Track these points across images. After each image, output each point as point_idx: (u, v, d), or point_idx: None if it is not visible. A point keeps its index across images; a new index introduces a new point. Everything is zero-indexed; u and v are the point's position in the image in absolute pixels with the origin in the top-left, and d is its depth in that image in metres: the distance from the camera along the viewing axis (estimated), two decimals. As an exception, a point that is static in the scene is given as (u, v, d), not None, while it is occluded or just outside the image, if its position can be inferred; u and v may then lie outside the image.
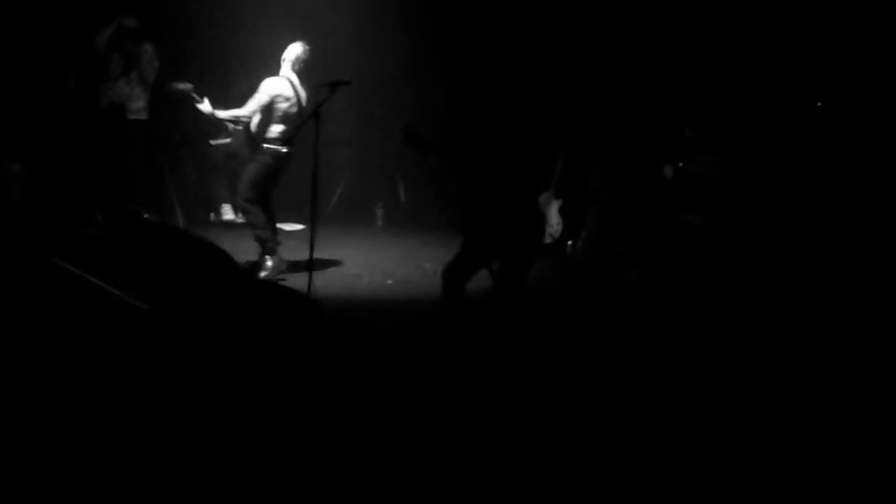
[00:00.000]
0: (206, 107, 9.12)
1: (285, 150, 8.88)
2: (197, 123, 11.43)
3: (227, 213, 11.35)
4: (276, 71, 8.97)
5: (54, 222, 9.39)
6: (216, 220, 11.33)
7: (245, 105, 8.89)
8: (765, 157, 9.43)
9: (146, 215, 8.42)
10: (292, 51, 9.01)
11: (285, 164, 9.00)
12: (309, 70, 9.10)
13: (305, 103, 8.93)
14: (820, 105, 8.75)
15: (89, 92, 10.30)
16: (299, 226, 11.17)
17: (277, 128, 8.87)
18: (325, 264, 9.56)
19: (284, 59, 9.02)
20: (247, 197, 8.99)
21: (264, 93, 8.84)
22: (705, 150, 9.69)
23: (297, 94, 8.94)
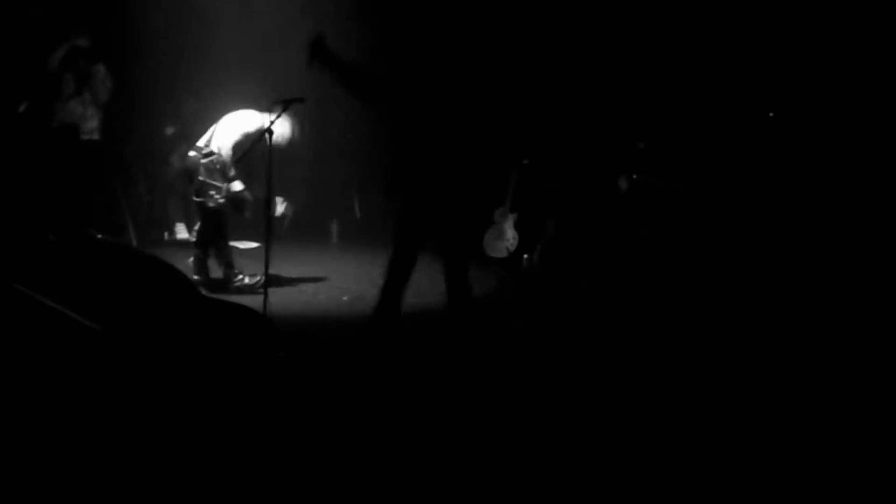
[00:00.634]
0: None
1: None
2: (149, 144, 11.39)
3: (181, 233, 11.29)
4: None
5: (5, 242, 9.28)
6: (170, 239, 11.26)
7: None
8: (718, 168, 9.50)
9: (99, 235, 8.34)
10: None
11: None
12: (262, 87, 9.09)
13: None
14: (772, 115, 8.82)
15: (40, 112, 10.21)
16: (254, 244, 11.11)
17: None
18: (281, 282, 9.52)
19: None
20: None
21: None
22: (658, 162, 9.75)
23: None
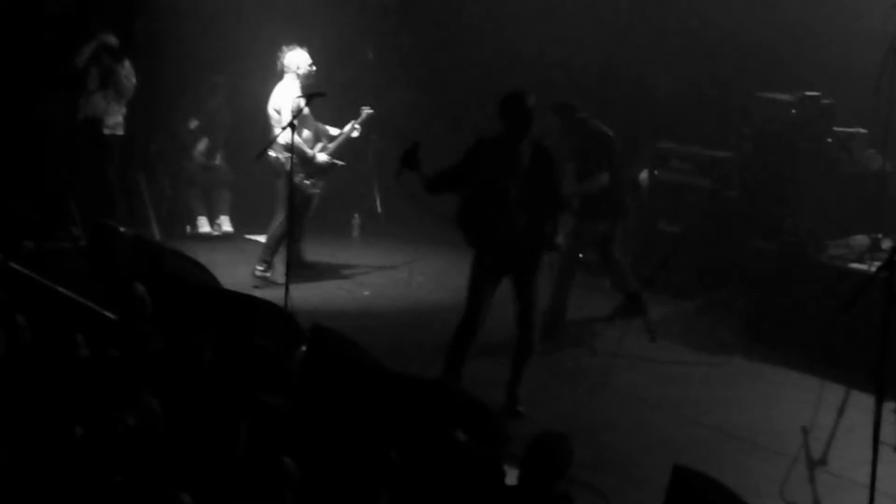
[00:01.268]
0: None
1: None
2: (172, 138, 11.43)
3: (204, 226, 11.33)
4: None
5: (30, 237, 9.36)
6: (192, 232, 11.30)
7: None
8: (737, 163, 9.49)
9: (122, 229, 8.40)
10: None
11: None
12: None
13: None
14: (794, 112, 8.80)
15: (65, 106, 10.28)
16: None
17: None
18: (302, 276, 9.55)
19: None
20: None
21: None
22: (679, 157, 9.75)
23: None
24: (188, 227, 11.33)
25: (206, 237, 11.15)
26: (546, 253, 7.05)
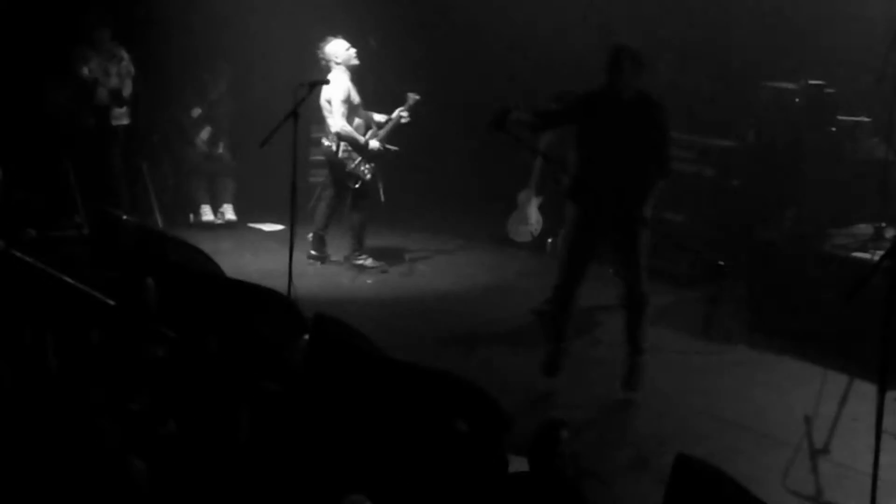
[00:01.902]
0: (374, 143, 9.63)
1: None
2: (175, 127, 11.42)
3: (207, 215, 11.33)
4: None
5: (33, 225, 9.35)
6: (195, 221, 11.30)
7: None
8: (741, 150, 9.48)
9: (125, 217, 8.40)
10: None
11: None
12: (289, 69, 9.16)
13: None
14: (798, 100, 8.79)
15: (70, 95, 10.31)
16: (279, 226, 11.15)
17: None
18: (306, 265, 9.56)
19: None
20: None
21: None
22: (681, 146, 9.73)
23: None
24: (191, 216, 11.33)
25: (209, 226, 11.15)
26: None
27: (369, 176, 9.67)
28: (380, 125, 9.77)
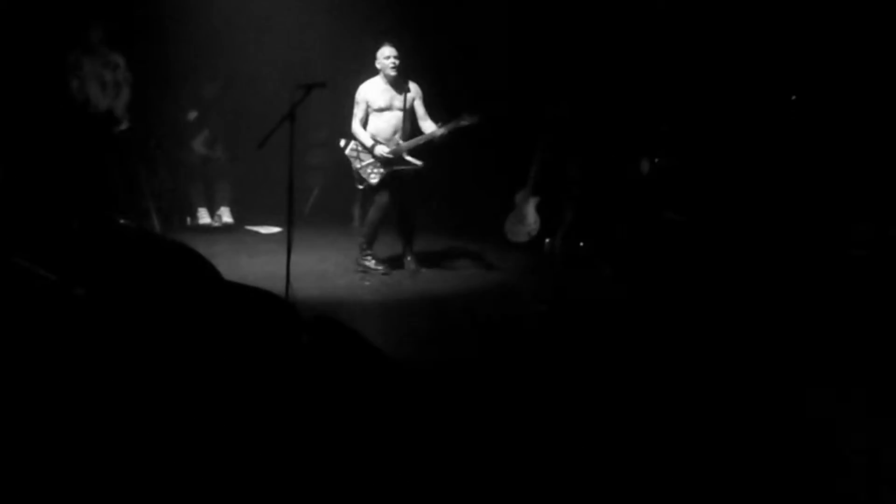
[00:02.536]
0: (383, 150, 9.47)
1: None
2: (172, 130, 11.42)
3: (204, 218, 11.32)
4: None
5: (29, 227, 9.33)
6: (192, 224, 11.30)
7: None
8: (739, 152, 9.48)
9: (122, 220, 8.38)
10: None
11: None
12: (283, 71, 9.10)
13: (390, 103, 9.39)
14: (794, 98, 8.80)
15: (67, 98, 10.32)
16: (276, 228, 11.15)
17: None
18: (303, 266, 9.54)
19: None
20: None
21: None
22: (681, 145, 9.74)
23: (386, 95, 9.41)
24: (188, 219, 11.33)
25: (206, 229, 11.16)
26: None
27: (376, 180, 9.51)
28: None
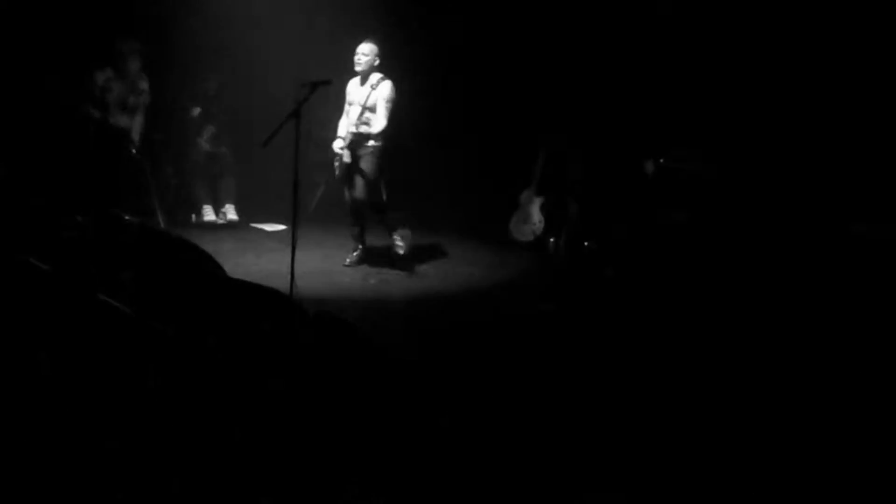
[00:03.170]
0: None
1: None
2: (176, 126, 11.43)
3: (209, 215, 11.33)
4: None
5: (34, 224, 9.35)
6: (197, 221, 11.31)
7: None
8: (746, 152, 9.47)
9: (127, 217, 8.39)
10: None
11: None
12: (287, 69, 9.12)
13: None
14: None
15: (73, 95, 10.34)
16: (281, 226, 11.15)
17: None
18: (308, 264, 9.55)
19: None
20: None
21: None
22: (686, 145, 9.73)
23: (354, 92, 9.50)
24: (193, 216, 11.34)
25: (211, 226, 11.16)
26: None
27: (337, 174, 9.62)
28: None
